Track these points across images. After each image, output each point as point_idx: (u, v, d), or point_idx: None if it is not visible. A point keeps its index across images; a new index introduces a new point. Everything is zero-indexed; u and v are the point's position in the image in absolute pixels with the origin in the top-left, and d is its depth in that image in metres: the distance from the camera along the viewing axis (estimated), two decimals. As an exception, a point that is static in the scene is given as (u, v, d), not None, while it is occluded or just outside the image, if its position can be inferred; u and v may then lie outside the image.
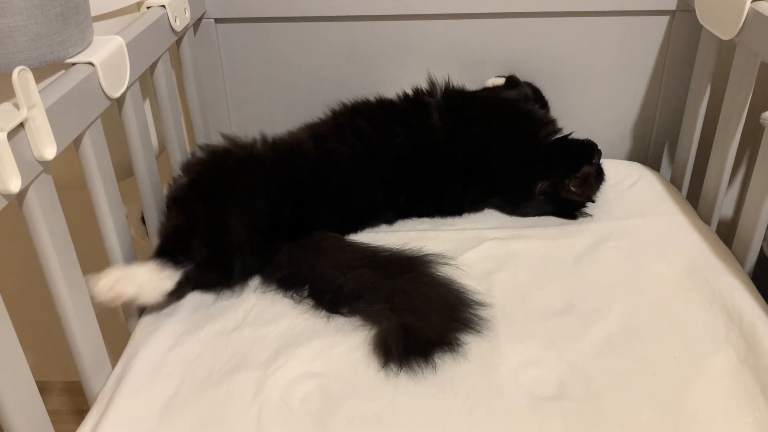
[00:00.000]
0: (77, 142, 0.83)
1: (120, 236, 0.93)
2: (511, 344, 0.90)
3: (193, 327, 0.95)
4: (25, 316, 1.17)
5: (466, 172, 1.14)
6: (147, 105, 1.16)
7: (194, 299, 1.01)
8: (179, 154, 1.20)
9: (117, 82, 0.90)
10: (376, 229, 1.17)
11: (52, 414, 0.79)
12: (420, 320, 0.90)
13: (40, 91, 0.72)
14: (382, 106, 1.18)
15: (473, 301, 0.96)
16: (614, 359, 0.87)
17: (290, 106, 1.38)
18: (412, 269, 0.99)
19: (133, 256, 0.98)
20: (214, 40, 1.31)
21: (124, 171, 1.13)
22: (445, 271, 1.01)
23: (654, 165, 1.38)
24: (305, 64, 1.34)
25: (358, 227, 1.14)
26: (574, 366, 0.86)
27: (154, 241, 1.07)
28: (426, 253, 1.04)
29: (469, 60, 1.32)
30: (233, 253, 1.00)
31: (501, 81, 1.30)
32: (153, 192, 1.06)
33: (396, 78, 1.34)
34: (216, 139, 1.21)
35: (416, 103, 1.18)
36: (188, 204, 1.01)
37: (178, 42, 1.21)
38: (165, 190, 1.13)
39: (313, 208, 1.08)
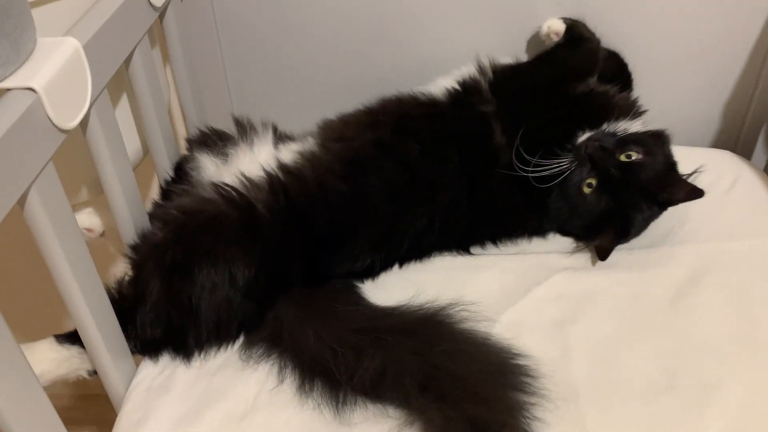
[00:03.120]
0: (21, 201, 0.60)
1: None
2: (602, 438, 0.70)
3: (193, 410, 0.75)
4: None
5: (536, 196, 0.90)
6: (123, 98, 0.92)
7: (191, 366, 0.81)
8: (166, 157, 0.96)
9: (73, 107, 0.65)
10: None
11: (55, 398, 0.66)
12: (488, 411, 0.69)
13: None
14: (431, 117, 0.92)
15: (528, 368, 0.75)
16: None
17: (303, 85, 1.14)
18: (444, 337, 0.77)
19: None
20: (209, 9, 1.04)
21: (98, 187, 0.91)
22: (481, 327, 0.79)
23: (745, 153, 1.14)
24: (320, 35, 1.09)
25: (390, 268, 0.92)
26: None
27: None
28: (445, 305, 0.81)
29: (516, 23, 1.06)
30: (189, 337, 0.81)
31: (561, 27, 1.00)
32: (131, 215, 0.84)
33: (424, 47, 1.09)
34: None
35: (473, 115, 0.92)
36: (144, 274, 0.79)
37: (162, 16, 0.95)
38: (147, 206, 0.91)
39: (332, 262, 0.87)
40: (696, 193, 0.86)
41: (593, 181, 0.87)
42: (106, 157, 0.76)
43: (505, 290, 0.88)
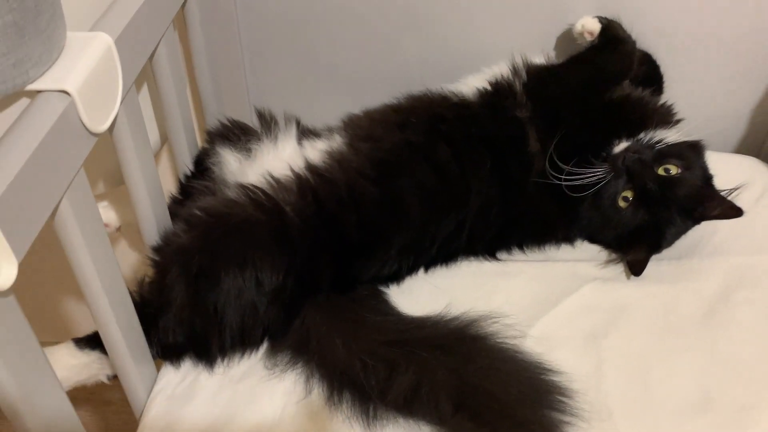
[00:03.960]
0: (53, 213, 0.57)
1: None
2: (641, 462, 0.69)
3: (220, 420, 0.73)
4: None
5: (568, 204, 0.88)
6: (143, 88, 0.88)
7: (214, 373, 0.79)
8: (187, 150, 0.92)
9: (104, 108, 0.62)
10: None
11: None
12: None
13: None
14: (464, 120, 0.89)
15: (562, 385, 0.73)
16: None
17: (324, 77, 1.08)
18: (479, 353, 0.75)
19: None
20: (229, -6, 0.99)
21: (117, 177, 0.87)
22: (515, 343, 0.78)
23: (770, 159, 1.12)
24: (344, 26, 1.03)
25: (416, 273, 0.90)
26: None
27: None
28: (477, 318, 0.79)
29: (548, 20, 1.02)
30: (212, 343, 0.78)
31: (596, 27, 0.95)
32: (153, 211, 0.80)
33: (451, 41, 1.05)
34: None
35: (507, 119, 0.89)
36: (169, 279, 0.76)
37: (184, 3, 0.90)
38: (167, 198, 0.88)
39: (360, 268, 0.84)
40: (735, 211, 0.84)
41: (629, 194, 0.85)
42: (132, 154, 0.73)
43: (534, 300, 0.86)
